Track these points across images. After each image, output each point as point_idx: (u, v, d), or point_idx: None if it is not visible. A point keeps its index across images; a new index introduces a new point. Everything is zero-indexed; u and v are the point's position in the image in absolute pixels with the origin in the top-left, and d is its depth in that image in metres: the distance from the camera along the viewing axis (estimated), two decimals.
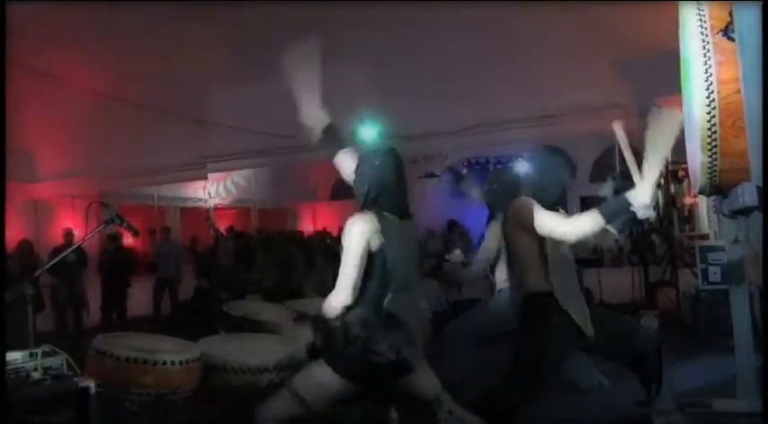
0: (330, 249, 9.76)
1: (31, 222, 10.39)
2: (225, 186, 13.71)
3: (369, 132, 8.17)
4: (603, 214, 2.67)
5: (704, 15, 2.55)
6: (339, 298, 2.50)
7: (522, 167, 9.69)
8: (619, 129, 2.73)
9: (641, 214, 2.63)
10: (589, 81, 7.09)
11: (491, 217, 4.56)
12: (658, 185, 2.79)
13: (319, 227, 14.55)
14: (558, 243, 2.95)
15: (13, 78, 8.07)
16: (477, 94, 7.61)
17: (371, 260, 2.50)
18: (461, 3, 6.05)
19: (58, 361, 2.27)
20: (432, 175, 12.64)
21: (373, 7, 6.46)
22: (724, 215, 3.35)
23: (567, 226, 2.78)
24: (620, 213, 2.73)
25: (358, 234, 2.49)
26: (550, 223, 2.82)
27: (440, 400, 2.67)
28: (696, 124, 2.67)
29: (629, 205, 2.62)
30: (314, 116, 2.86)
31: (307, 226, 15.28)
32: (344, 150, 2.87)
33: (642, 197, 2.58)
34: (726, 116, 2.53)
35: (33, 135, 9.87)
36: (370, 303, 2.50)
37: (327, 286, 2.72)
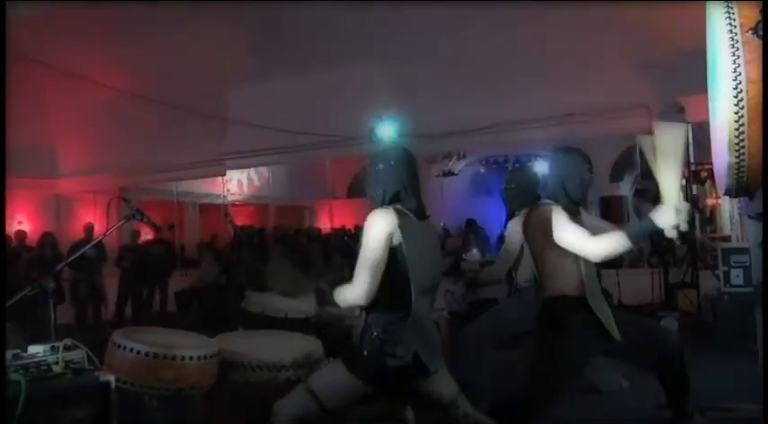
0: (347, 246, 9.74)
1: (53, 217, 10.54)
2: (243, 183, 13.80)
3: (387, 130, 8.15)
4: (630, 236, 2.62)
5: (733, 13, 2.50)
6: (355, 294, 2.45)
7: (541, 166, 9.67)
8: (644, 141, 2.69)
9: (668, 233, 2.55)
10: (610, 80, 7.01)
11: (510, 216, 4.53)
12: (689, 200, 2.73)
13: (336, 224, 14.58)
14: None
15: (36, 76, 8.22)
16: (496, 93, 7.56)
17: (391, 258, 2.45)
18: (484, 2, 6.02)
19: (79, 355, 2.28)
20: (450, 174, 12.58)
21: (391, 6, 6.45)
22: (750, 217, 3.28)
23: (591, 246, 2.72)
24: (645, 235, 2.70)
25: (380, 228, 2.44)
26: (572, 238, 2.77)
27: (456, 403, 2.64)
28: (723, 124, 2.61)
29: (655, 226, 2.55)
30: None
31: (324, 223, 15.31)
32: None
33: (666, 218, 2.51)
34: (754, 115, 2.47)
35: (56, 132, 10.02)
36: (390, 304, 2.47)
37: (344, 283, 2.70)
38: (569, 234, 2.78)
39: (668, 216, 2.50)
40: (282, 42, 7.63)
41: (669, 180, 2.55)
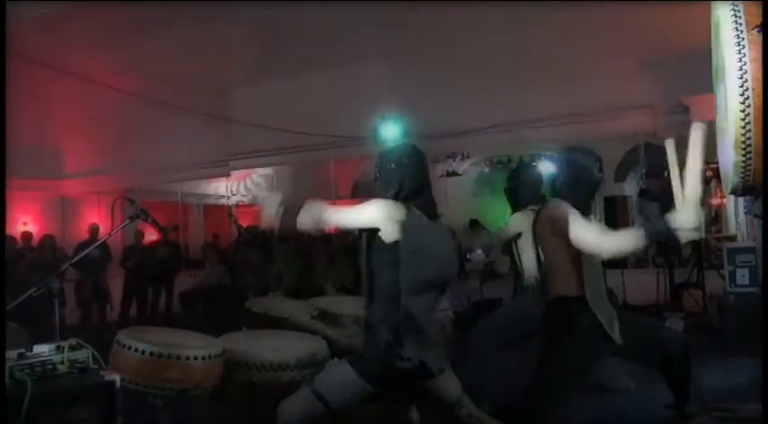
0: (351, 247, 9.73)
1: (58, 218, 10.58)
2: (247, 183, 13.80)
3: (390, 130, 8.14)
4: (647, 234, 2.56)
5: (739, 11, 2.48)
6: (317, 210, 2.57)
7: (545, 166, 9.65)
8: (671, 148, 2.62)
9: (684, 236, 2.49)
10: (615, 79, 7.00)
11: (513, 213, 4.49)
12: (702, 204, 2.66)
13: None
14: None
15: (41, 78, 8.24)
16: (500, 92, 7.56)
17: (390, 255, 2.44)
18: (487, 2, 6.01)
19: (85, 354, 2.28)
20: (454, 174, 12.56)
21: (395, 6, 6.46)
22: (756, 216, 3.27)
23: (608, 243, 2.65)
24: (662, 235, 2.60)
25: (377, 210, 2.44)
26: (589, 237, 2.71)
27: (461, 403, 2.63)
28: (729, 122, 2.60)
29: (673, 227, 2.49)
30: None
31: None
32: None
33: (686, 219, 2.46)
34: (760, 114, 2.45)
35: (60, 133, 10.06)
36: (392, 303, 2.45)
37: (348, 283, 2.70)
38: (585, 231, 2.73)
39: (690, 215, 2.46)
40: (285, 43, 7.65)
41: (695, 180, 2.51)
